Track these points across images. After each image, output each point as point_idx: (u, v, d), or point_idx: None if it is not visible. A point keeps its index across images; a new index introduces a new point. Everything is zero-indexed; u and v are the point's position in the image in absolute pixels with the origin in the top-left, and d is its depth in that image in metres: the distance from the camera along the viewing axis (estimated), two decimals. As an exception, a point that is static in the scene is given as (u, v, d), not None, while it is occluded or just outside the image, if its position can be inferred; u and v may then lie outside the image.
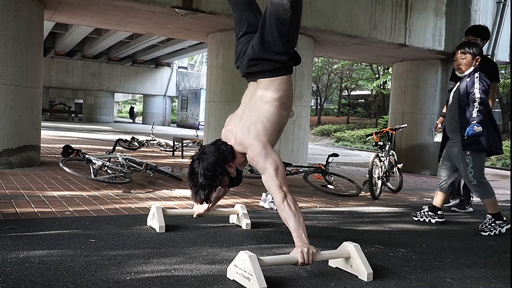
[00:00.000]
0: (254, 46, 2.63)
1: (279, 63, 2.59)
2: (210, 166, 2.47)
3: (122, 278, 2.11)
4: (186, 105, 27.57)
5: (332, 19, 6.85)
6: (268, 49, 2.57)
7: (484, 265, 2.75)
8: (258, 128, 2.52)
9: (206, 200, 2.52)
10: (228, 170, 2.56)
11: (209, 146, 2.58)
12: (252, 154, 2.49)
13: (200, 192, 2.48)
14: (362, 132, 19.53)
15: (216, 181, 2.50)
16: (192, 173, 2.51)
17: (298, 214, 2.34)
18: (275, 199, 2.39)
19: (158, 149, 10.12)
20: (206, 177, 2.46)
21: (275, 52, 2.56)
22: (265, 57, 2.59)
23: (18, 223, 3.01)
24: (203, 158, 2.50)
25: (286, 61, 2.59)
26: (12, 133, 5.61)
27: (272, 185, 2.41)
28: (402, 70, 9.18)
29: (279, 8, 2.49)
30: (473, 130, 3.33)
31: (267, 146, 2.49)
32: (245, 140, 2.52)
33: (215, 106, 7.25)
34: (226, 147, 2.57)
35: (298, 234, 2.28)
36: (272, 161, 2.44)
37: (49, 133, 13.24)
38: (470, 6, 8.20)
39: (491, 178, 9.07)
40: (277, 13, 2.50)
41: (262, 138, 2.49)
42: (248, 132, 2.52)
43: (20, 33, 5.58)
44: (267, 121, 2.56)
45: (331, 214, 4.13)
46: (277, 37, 2.53)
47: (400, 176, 5.80)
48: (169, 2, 5.76)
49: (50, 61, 23.74)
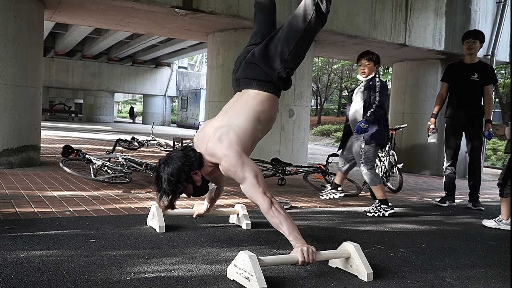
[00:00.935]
0: (255, 52, 2.64)
1: (269, 78, 2.57)
2: (175, 171, 2.39)
3: (122, 278, 2.11)
4: (186, 105, 27.57)
5: (332, 19, 6.84)
6: (267, 60, 2.57)
7: (484, 265, 2.75)
8: (230, 137, 2.43)
9: (170, 206, 2.45)
10: (194, 177, 2.47)
11: (177, 151, 2.52)
12: (227, 165, 2.39)
13: (163, 198, 2.41)
14: (362, 132, 19.50)
15: (179, 187, 2.42)
16: (157, 177, 2.45)
17: (288, 216, 2.33)
18: (262, 206, 2.33)
19: (158, 149, 10.11)
20: (170, 182, 2.39)
21: (271, 66, 2.56)
22: (260, 65, 2.58)
23: (18, 223, 3.01)
24: (168, 163, 2.43)
25: (275, 79, 2.58)
26: (12, 133, 5.61)
27: (255, 193, 2.35)
28: (402, 70, 9.19)
29: (295, 24, 2.49)
30: (359, 127, 4.04)
31: (242, 154, 2.40)
32: (217, 151, 2.43)
33: (215, 106, 7.25)
34: (194, 154, 2.49)
35: (294, 236, 2.28)
36: (250, 169, 2.37)
37: (49, 133, 13.24)
38: (470, 6, 8.20)
39: (491, 178, 9.07)
40: (290, 30, 2.51)
41: (235, 148, 2.40)
42: (219, 142, 2.43)
43: (20, 33, 5.58)
44: (240, 130, 2.47)
45: (331, 214, 4.13)
46: (279, 53, 2.53)
47: (400, 176, 5.80)
48: (169, 2, 5.76)
49: (50, 61, 23.74)
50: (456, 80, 4.95)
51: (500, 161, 13.17)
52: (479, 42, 4.93)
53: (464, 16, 8.16)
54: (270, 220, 2.33)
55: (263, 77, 2.59)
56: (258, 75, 2.60)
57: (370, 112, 4.07)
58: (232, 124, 2.49)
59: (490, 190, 6.70)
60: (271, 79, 2.58)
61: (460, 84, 4.92)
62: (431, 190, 6.35)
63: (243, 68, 2.68)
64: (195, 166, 2.46)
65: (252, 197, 2.40)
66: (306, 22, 2.48)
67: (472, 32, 5.09)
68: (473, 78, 4.85)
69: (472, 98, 4.90)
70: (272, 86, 2.60)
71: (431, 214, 4.49)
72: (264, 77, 2.58)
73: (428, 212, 4.59)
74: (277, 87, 2.64)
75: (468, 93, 4.89)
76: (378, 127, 4.14)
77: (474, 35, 4.97)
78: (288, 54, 2.54)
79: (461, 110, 4.90)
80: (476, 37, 4.95)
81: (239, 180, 2.41)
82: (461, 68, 4.99)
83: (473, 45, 4.91)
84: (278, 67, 2.56)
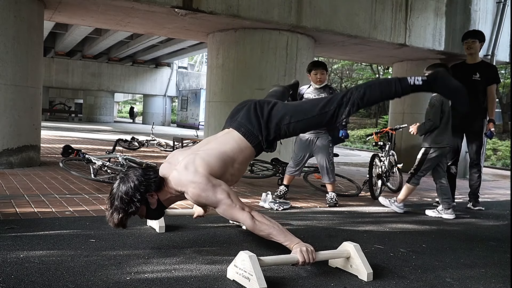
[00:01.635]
0: (266, 104, 2.64)
1: (258, 133, 2.56)
2: (129, 190, 2.30)
3: (122, 278, 2.11)
4: (186, 105, 27.56)
5: (332, 19, 6.84)
6: (268, 117, 2.58)
7: (484, 265, 2.75)
8: (196, 163, 2.36)
9: (121, 225, 2.33)
10: (149, 199, 2.37)
11: (136, 169, 2.42)
12: (197, 191, 2.32)
13: (114, 215, 2.31)
14: (362, 132, 19.53)
15: (132, 207, 2.31)
16: (110, 193, 2.36)
17: (274, 222, 2.33)
18: (245, 223, 2.31)
19: (158, 149, 10.11)
20: (122, 201, 2.30)
21: (267, 124, 2.57)
22: (260, 117, 2.58)
23: (18, 223, 3.01)
24: (125, 180, 2.35)
25: (263, 138, 2.57)
26: (12, 133, 5.61)
27: (233, 212, 2.32)
28: (402, 70, 9.18)
29: (311, 106, 2.60)
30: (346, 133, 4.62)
31: (210, 178, 2.33)
32: (183, 179, 2.35)
33: (215, 106, 7.25)
34: (155, 175, 2.40)
35: (288, 239, 2.29)
36: (222, 190, 2.32)
37: (49, 133, 13.24)
38: (470, 6, 8.20)
39: (491, 178, 9.07)
40: (304, 107, 2.62)
41: (202, 173, 2.33)
42: (186, 170, 2.36)
43: (20, 33, 5.58)
44: (208, 156, 2.41)
45: (331, 214, 4.13)
46: (280, 117, 2.57)
47: (400, 176, 5.80)
48: (169, 2, 5.76)
49: (50, 61, 23.74)
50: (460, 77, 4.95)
51: (500, 161, 13.17)
52: (478, 41, 4.94)
53: (464, 16, 8.15)
54: (259, 234, 2.33)
55: (254, 129, 2.56)
56: (252, 124, 2.57)
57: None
58: (201, 153, 2.44)
59: (490, 190, 6.70)
60: (260, 134, 2.57)
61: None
62: (431, 190, 6.34)
63: (247, 109, 2.65)
64: (153, 188, 2.37)
65: (232, 218, 2.37)
66: (320, 111, 2.52)
67: (470, 32, 5.12)
68: (475, 78, 4.84)
69: (474, 98, 4.88)
70: (256, 141, 2.57)
71: (431, 214, 4.49)
72: (255, 129, 2.56)
73: (428, 212, 4.59)
74: (260, 145, 2.60)
75: (471, 94, 4.87)
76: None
77: (473, 35, 4.99)
78: (287, 123, 2.56)
79: None
80: (474, 36, 4.96)
81: (213, 204, 2.35)
82: (463, 68, 4.99)
83: (473, 44, 4.92)
84: (271, 127, 2.57)
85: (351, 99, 2.50)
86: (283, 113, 2.57)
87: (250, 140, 2.56)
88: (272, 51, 6.86)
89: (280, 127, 2.57)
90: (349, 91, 2.55)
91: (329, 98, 2.57)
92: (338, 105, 2.50)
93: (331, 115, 2.52)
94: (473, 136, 4.92)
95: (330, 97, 2.60)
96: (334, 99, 2.54)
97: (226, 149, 2.50)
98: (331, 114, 2.52)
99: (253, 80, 6.67)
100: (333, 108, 2.51)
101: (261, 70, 6.87)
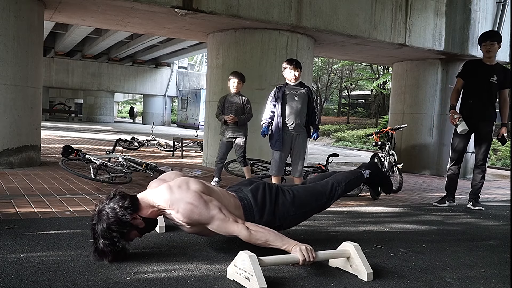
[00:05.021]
0: (269, 197, 2.67)
1: (247, 205, 2.58)
2: (107, 233, 2.22)
3: (122, 278, 2.11)
4: (186, 105, 27.58)
5: (332, 19, 6.85)
6: (265, 207, 2.61)
7: (484, 265, 2.75)
8: (188, 182, 2.41)
9: (120, 258, 2.31)
10: (133, 222, 2.30)
11: (104, 205, 2.29)
12: (190, 207, 2.30)
13: (108, 257, 2.26)
14: (362, 132, 19.53)
15: (118, 246, 2.25)
16: (93, 237, 2.29)
17: (269, 229, 2.36)
18: (241, 234, 2.30)
19: (158, 149, 10.12)
20: (105, 244, 2.23)
21: (263, 212, 2.59)
22: (257, 201, 2.60)
23: (18, 223, 3.01)
24: (101, 219, 2.25)
25: (256, 211, 2.58)
26: (12, 133, 5.61)
27: (227, 225, 2.32)
28: (402, 70, 9.19)
29: (310, 197, 2.81)
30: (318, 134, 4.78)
31: (201, 194, 2.35)
32: (177, 196, 2.33)
33: (215, 106, 7.23)
34: (129, 199, 2.30)
35: (286, 242, 2.31)
36: (213, 205, 2.33)
37: (49, 133, 13.25)
38: (470, 6, 8.21)
39: (491, 178, 9.07)
40: (306, 198, 2.78)
41: (193, 189, 2.36)
42: (178, 188, 2.36)
43: (20, 33, 5.58)
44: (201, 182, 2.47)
45: (331, 214, 4.13)
46: (285, 209, 2.67)
47: (400, 176, 5.79)
48: (169, 2, 5.76)
49: (50, 61, 23.76)
50: (474, 81, 4.86)
51: (500, 161, 13.18)
52: (497, 43, 4.86)
53: (464, 16, 8.16)
54: (256, 243, 2.32)
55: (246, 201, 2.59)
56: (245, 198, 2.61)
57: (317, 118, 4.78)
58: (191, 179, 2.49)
59: (490, 190, 6.70)
60: (245, 206, 2.58)
61: (478, 84, 4.84)
62: (431, 190, 6.35)
63: (250, 187, 2.70)
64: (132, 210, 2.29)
65: (226, 232, 2.35)
66: (318, 202, 2.83)
67: (488, 34, 4.96)
68: (492, 80, 4.78)
69: (489, 100, 4.83)
70: (249, 210, 2.59)
71: (431, 214, 4.49)
72: (245, 202, 2.59)
73: (428, 212, 4.59)
74: (251, 213, 2.60)
75: (486, 95, 4.82)
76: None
77: (492, 37, 4.86)
78: (283, 219, 2.67)
79: (476, 111, 4.83)
80: (493, 38, 4.85)
81: (207, 221, 2.33)
82: (482, 68, 4.88)
83: (491, 47, 4.79)
84: (269, 217, 2.60)
85: (336, 195, 2.92)
86: (288, 206, 2.69)
87: (244, 209, 2.58)
88: (272, 51, 6.86)
89: (272, 218, 2.63)
90: (333, 188, 2.90)
91: (319, 192, 2.86)
92: (327, 199, 2.89)
93: (323, 204, 2.90)
94: (482, 138, 4.87)
95: (319, 191, 2.87)
96: (323, 193, 2.87)
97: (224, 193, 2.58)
98: (323, 204, 2.90)
99: (253, 80, 6.67)
100: (323, 201, 2.88)
101: (261, 70, 6.87)
